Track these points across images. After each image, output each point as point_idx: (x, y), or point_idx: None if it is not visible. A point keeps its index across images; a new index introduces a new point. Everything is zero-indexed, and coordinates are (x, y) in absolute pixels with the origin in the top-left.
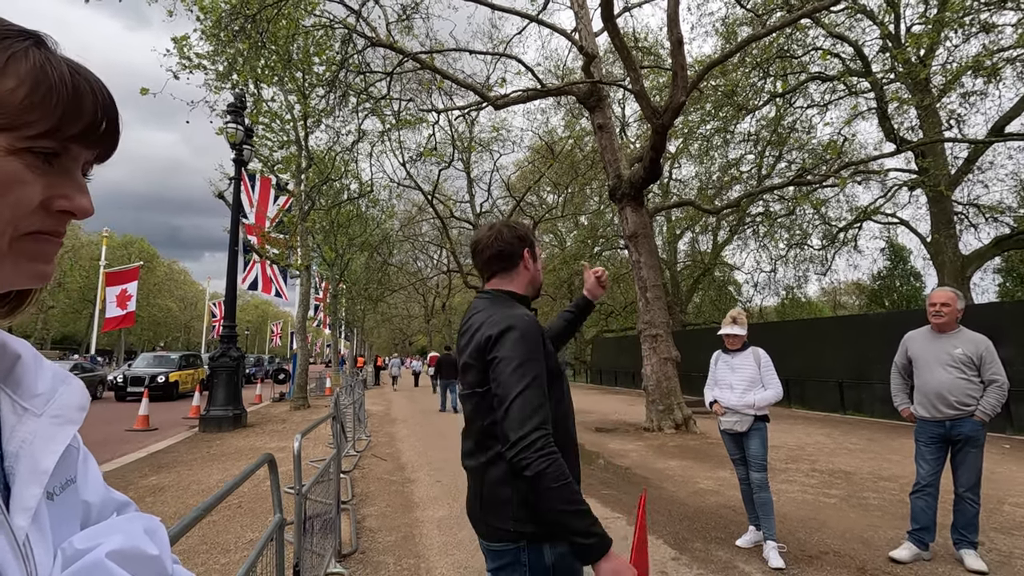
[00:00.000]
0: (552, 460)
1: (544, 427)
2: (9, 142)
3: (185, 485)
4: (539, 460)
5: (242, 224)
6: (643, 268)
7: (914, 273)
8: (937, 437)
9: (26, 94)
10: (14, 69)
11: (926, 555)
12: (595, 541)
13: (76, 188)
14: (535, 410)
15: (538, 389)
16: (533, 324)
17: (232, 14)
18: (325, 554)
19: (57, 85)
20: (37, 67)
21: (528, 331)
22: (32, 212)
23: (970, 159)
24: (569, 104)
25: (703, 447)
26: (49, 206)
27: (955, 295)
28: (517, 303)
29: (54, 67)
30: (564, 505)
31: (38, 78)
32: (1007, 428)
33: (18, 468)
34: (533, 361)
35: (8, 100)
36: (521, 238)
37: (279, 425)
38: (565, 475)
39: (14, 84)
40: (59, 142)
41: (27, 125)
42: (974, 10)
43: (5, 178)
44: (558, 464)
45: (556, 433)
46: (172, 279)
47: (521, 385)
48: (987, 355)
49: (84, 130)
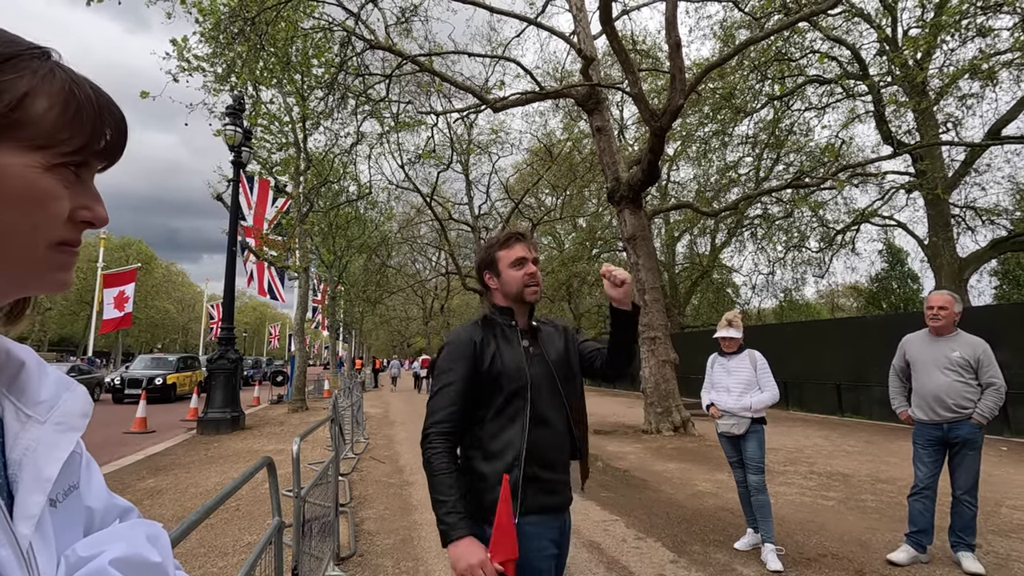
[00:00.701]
0: (433, 452)
1: (438, 425)
2: (46, 159)
3: (183, 488)
4: (425, 451)
5: (240, 226)
6: (641, 270)
7: (912, 275)
8: (935, 440)
9: (59, 113)
10: (47, 90)
11: (923, 558)
12: (443, 528)
13: (94, 199)
14: (435, 411)
15: (444, 394)
16: (459, 338)
17: (231, 16)
18: (324, 557)
19: (85, 104)
20: (66, 88)
21: (452, 345)
22: (62, 224)
23: (967, 162)
24: (568, 107)
25: (701, 449)
26: (74, 217)
27: (953, 298)
28: (497, 313)
29: (79, 86)
30: (433, 492)
31: (67, 98)
32: (1004, 431)
33: (22, 476)
34: (447, 371)
35: (43, 120)
36: (481, 262)
37: (277, 427)
38: (442, 468)
39: (48, 105)
40: (84, 157)
41: (62, 143)
42: (970, 14)
43: (43, 194)
44: (437, 456)
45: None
46: (170, 281)
47: (433, 390)
48: (984, 358)
49: (107, 146)
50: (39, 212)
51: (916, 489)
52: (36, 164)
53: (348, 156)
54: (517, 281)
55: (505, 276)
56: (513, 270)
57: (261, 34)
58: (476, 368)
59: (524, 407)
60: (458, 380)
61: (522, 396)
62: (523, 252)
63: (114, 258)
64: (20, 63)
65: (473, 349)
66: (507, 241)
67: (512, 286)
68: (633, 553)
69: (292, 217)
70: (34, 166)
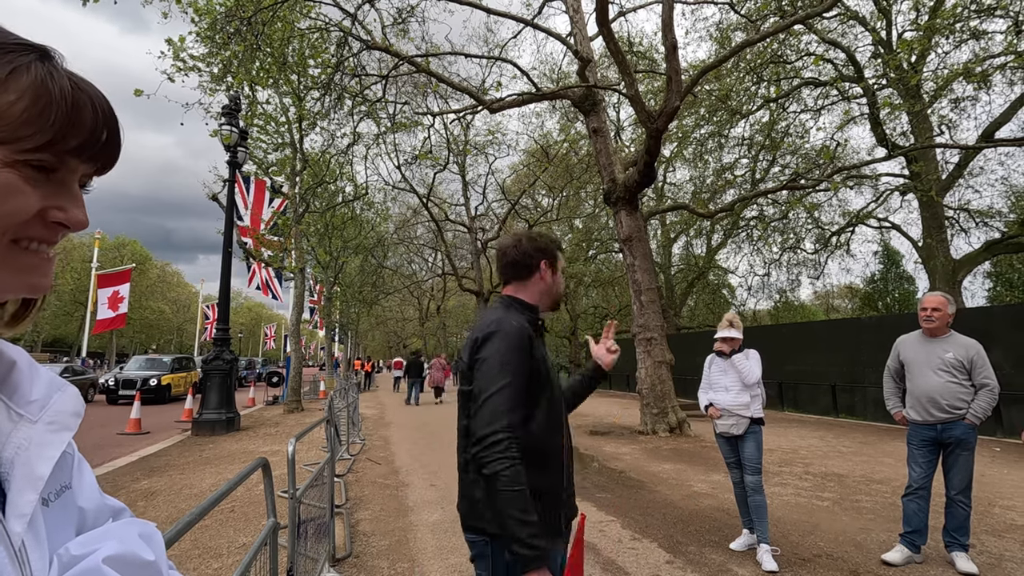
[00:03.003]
0: (510, 463)
1: (510, 429)
2: (6, 154)
3: (177, 489)
4: (497, 460)
5: (236, 226)
6: (638, 271)
7: (906, 277)
8: (929, 440)
9: (25, 107)
10: (15, 83)
11: (918, 558)
12: (531, 553)
13: (72, 200)
14: (504, 412)
15: (512, 392)
16: (519, 330)
17: (227, 16)
18: (319, 559)
19: (56, 99)
20: (38, 81)
21: (513, 335)
22: (27, 222)
23: (961, 164)
24: (564, 108)
25: (697, 450)
26: (45, 217)
27: (946, 300)
28: (525, 310)
29: (55, 81)
30: (511, 510)
31: (38, 92)
32: (998, 431)
33: (14, 474)
34: (512, 364)
35: (7, 113)
36: (541, 250)
37: (272, 428)
38: (520, 481)
39: (14, 97)
40: (56, 155)
41: (25, 138)
42: (964, 17)
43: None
44: (515, 469)
45: (538, 439)
46: (165, 281)
47: (496, 386)
48: (978, 359)
49: (82, 144)
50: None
51: (910, 489)
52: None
53: (344, 156)
54: (561, 286)
55: (559, 277)
56: (560, 276)
57: (257, 34)
58: (530, 365)
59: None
60: (522, 378)
61: (558, 406)
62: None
63: (109, 258)
64: None
65: (530, 343)
66: (560, 248)
67: (559, 289)
68: (629, 554)
69: (288, 218)
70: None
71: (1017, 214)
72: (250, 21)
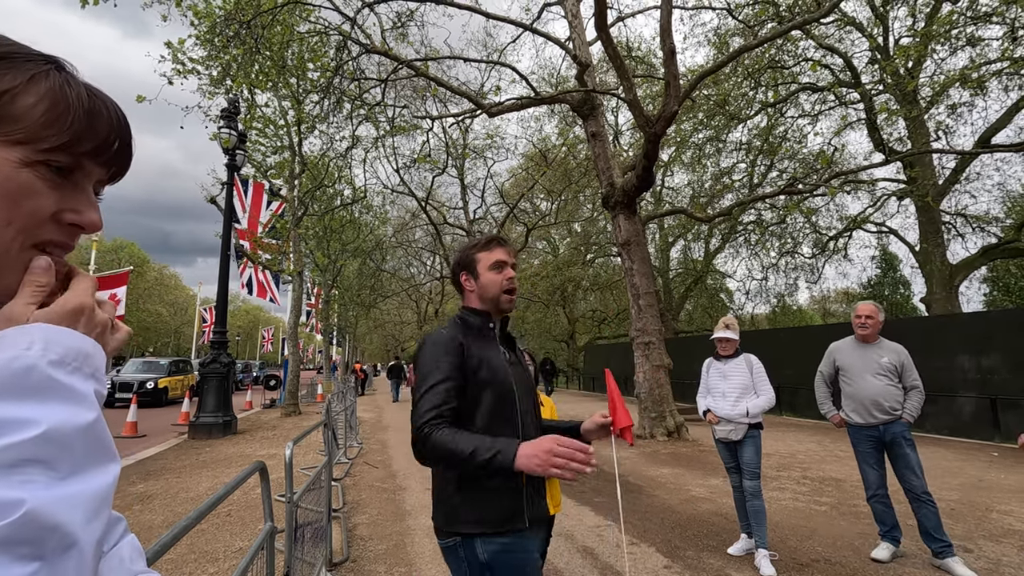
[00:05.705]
0: (436, 428)
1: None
2: (25, 154)
3: (174, 493)
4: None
5: (234, 229)
6: (636, 275)
7: (903, 281)
8: (874, 440)
9: (45, 110)
10: (35, 87)
11: (900, 551)
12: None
13: (87, 203)
14: (431, 408)
15: (441, 389)
16: (445, 337)
17: (227, 20)
18: (316, 563)
19: (74, 104)
20: (56, 87)
21: (439, 342)
22: (44, 223)
23: (957, 170)
24: (563, 112)
25: (695, 454)
26: (60, 219)
27: (877, 308)
28: (473, 316)
29: (72, 88)
30: (462, 455)
31: (56, 96)
32: (995, 436)
33: None
34: (434, 369)
35: (27, 115)
36: (458, 263)
37: (270, 432)
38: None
39: (34, 100)
40: (73, 157)
41: (43, 139)
42: (961, 24)
43: (20, 188)
44: (443, 430)
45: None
46: (163, 284)
47: (424, 387)
48: (907, 362)
49: (97, 148)
50: (13, 207)
51: (872, 492)
52: (14, 159)
53: (343, 160)
54: (496, 284)
55: (484, 279)
56: (492, 273)
57: (257, 37)
58: (463, 366)
59: (514, 413)
60: (448, 377)
61: (510, 401)
62: (504, 256)
63: (106, 260)
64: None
65: (459, 347)
66: (488, 243)
67: (491, 289)
68: (627, 559)
69: (287, 221)
70: (11, 160)
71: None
72: (249, 24)
